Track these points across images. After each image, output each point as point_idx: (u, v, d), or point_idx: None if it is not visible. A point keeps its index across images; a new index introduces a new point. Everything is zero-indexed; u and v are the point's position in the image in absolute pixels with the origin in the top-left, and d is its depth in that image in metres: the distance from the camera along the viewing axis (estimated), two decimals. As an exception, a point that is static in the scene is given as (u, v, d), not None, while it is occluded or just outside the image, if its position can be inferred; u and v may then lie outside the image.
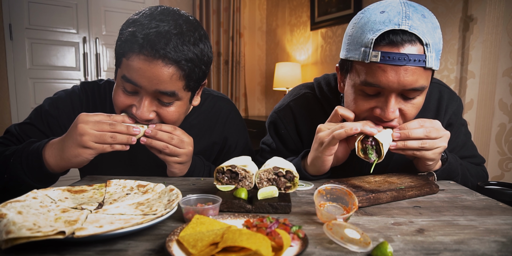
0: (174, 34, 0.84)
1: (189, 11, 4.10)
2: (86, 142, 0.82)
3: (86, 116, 0.84)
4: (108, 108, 1.09)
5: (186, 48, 0.85)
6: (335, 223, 0.58)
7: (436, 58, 0.81)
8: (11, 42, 3.22)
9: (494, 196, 0.85)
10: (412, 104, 0.85)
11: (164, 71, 0.84)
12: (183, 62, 0.85)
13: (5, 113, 3.29)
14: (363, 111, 0.88)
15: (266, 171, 0.77)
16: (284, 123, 1.13)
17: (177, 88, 0.88)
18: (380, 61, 0.78)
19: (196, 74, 0.90)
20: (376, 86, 0.81)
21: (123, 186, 0.78)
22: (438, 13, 2.36)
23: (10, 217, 0.53)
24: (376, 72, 0.80)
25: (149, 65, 0.83)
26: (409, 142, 0.82)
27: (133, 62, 0.84)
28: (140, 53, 0.83)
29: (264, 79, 4.74)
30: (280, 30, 4.34)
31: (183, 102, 0.94)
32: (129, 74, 0.86)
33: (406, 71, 0.78)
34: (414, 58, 0.77)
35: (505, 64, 2.02)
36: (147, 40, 0.82)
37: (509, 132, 2.02)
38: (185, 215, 0.64)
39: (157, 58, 0.83)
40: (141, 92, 0.88)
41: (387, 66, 0.78)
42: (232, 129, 1.19)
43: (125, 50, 0.86)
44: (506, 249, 0.54)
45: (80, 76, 3.56)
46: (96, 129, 0.83)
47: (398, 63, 0.77)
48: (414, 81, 0.79)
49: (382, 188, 0.81)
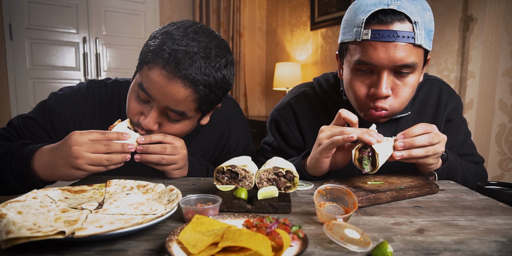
0: (201, 57, 0.83)
1: (189, 11, 4.10)
2: (81, 165, 0.79)
3: (80, 136, 0.79)
4: (115, 108, 1.09)
5: (208, 72, 0.84)
6: (335, 223, 0.58)
7: (427, 37, 0.84)
8: (11, 42, 3.22)
9: (494, 196, 0.85)
10: (405, 83, 0.87)
11: (180, 92, 0.84)
12: (201, 87, 0.85)
13: (5, 113, 3.29)
14: (361, 96, 0.90)
15: (266, 171, 0.77)
16: (285, 120, 1.13)
17: (188, 109, 0.88)
18: (370, 38, 0.82)
19: (211, 99, 0.90)
20: (368, 63, 0.84)
21: (123, 186, 0.78)
22: (438, 13, 2.36)
23: (10, 217, 0.53)
24: (367, 50, 0.83)
25: (168, 82, 0.83)
26: (414, 151, 0.80)
27: (153, 75, 0.84)
28: (162, 68, 0.83)
29: (264, 79, 4.74)
30: (280, 30, 4.34)
31: (191, 121, 0.95)
32: (146, 84, 0.86)
33: (396, 47, 0.81)
34: (403, 35, 0.81)
35: (505, 64, 2.01)
36: (173, 57, 0.81)
37: (509, 132, 2.02)
38: (185, 215, 0.64)
39: (178, 77, 0.82)
40: (153, 104, 0.88)
41: (378, 43, 0.82)
42: (234, 128, 1.19)
43: (149, 59, 0.85)
44: (506, 249, 0.54)
45: (80, 76, 3.56)
46: (91, 151, 0.79)
47: (388, 40, 0.81)
48: (404, 57, 0.82)
49: (382, 188, 0.81)
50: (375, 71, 0.86)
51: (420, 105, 1.08)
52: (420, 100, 1.08)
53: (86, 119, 1.06)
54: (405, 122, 1.05)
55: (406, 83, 0.87)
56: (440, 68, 2.36)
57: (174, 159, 0.92)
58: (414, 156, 0.80)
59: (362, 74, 0.88)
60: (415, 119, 1.06)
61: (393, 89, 0.87)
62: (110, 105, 1.08)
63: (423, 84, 1.10)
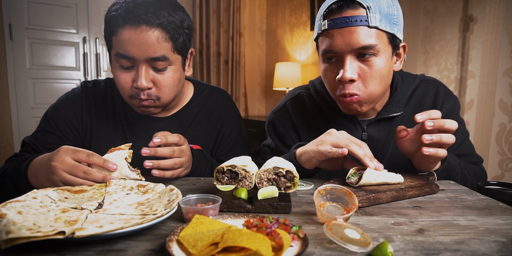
0: (151, 3, 0.91)
1: (189, 11, 4.10)
2: (55, 181, 0.78)
3: (64, 154, 0.78)
4: (109, 103, 1.14)
5: (165, 13, 0.92)
6: (335, 223, 0.58)
7: (384, 20, 0.87)
8: (11, 42, 3.22)
9: (494, 196, 0.85)
10: (370, 67, 0.89)
11: (150, 35, 0.90)
12: (165, 23, 0.92)
13: (5, 113, 3.29)
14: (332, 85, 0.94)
15: (266, 171, 0.77)
16: (281, 121, 1.17)
17: (166, 51, 0.94)
18: (328, 27, 0.88)
19: (180, 35, 0.96)
20: (331, 51, 0.89)
21: (123, 186, 0.78)
22: (438, 13, 2.36)
23: (10, 217, 0.53)
24: (328, 39, 0.89)
25: (136, 33, 0.89)
26: (445, 136, 0.78)
27: (121, 36, 0.91)
28: (125, 24, 0.90)
29: (264, 79, 4.74)
30: (280, 30, 4.34)
31: (176, 67, 0.99)
32: (121, 49, 0.92)
33: (350, 32, 0.86)
34: (355, 19, 0.85)
35: (505, 64, 2.02)
36: (128, 12, 0.89)
37: (509, 132, 2.02)
38: (185, 215, 0.64)
39: (141, 23, 0.89)
40: (136, 64, 0.93)
41: (334, 30, 0.87)
42: (226, 118, 1.23)
43: (112, 28, 0.92)
44: (506, 249, 0.54)
45: (80, 76, 3.56)
46: (68, 172, 0.77)
47: (341, 26, 0.86)
48: (360, 39, 0.85)
49: (382, 188, 0.81)
50: (339, 58, 0.90)
51: (416, 106, 1.08)
52: (416, 101, 1.09)
53: (85, 115, 1.12)
54: (399, 122, 1.06)
55: (372, 66, 0.89)
56: (440, 68, 2.36)
57: (182, 161, 0.90)
58: (445, 142, 0.78)
59: (330, 64, 0.93)
60: (411, 119, 1.06)
61: (360, 74, 0.90)
62: (105, 101, 1.14)
63: (419, 85, 1.10)
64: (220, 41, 4.17)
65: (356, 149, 0.80)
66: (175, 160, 0.88)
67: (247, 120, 3.98)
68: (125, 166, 0.83)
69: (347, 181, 0.84)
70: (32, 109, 3.38)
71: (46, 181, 0.79)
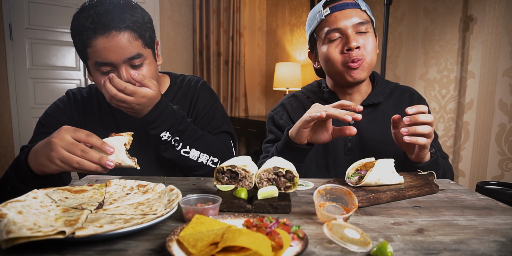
0: (111, 10, 0.96)
1: (189, 11, 4.10)
2: (53, 159, 0.79)
3: (65, 132, 0.80)
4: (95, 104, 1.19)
5: (128, 15, 0.97)
6: (335, 223, 0.58)
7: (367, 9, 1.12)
8: (11, 42, 3.22)
9: (494, 196, 0.85)
10: (367, 39, 1.09)
11: (121, 38, 0.95)
12: (131, 24, 0.97)
13: (5, 113, 3.29)
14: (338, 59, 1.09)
15: (266, 171, 0.78)
16: (279, 115, 1.27)
17: (138, 48, 0.99)
18: (330, 12, 1.09)
19: (146, 31, 1.02)
20: (336, 29, 1.08)
21: (123, 186, 0.78)
22: (438, 13, 2.36)
23: (11, 217, 0.53)
24: (331, 21, 1.09)
25: (108, 40, 0.94)
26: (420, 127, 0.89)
27: (96, 47, 0.95)
28: (96, 35, 0.94)
29: (264, 79, 4.74)
30: (280, 30, 4.34)
31: (150, 60, 1.05)
32: (99, 58, 0.96)
33: (349, 12, 1.08)
34: (351, 4, 1.09)
35: (505, 64, 2.02)
36: (95, 23, 0.94)
37: (509, 132, 2.02)
38: (185, 215, 0.64)
39: (110, 30, 0.94)
40: (116, 66, 0.98)
41: (336, 12, 1.08)
42: (200, 94, 1.27)
43: (84, 41, 0.96)
44: (506, 249, 0.54)
45: (80, 76, 3.56)
46: (66, 149, 0.78)
47: (342, 8, 1.09)
48: (358, 17, 1.08)
49: (382, 188, 0.81)
50: (343, 34, 1.08)
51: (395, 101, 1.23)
52: (396, 97, 1.23)
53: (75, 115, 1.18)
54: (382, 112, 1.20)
55: (368, 38, 1.09)
56: (440, 68, 2.36)
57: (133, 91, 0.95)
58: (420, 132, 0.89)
59: (334, 42, 1.10)
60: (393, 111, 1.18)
61: (361, 44, 1.08)
62: (89, 103, 1.20)
63: (396, 87, 1.26)
64: (220, 41, 4.17)
65: (332, 111, 0.89)
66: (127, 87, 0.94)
67: (247, 120, 3.98)
68: (122, 151, 0.84)
69: (347, 181, 0.84)
70: (32, 109, 3.38)
71: (45, 159, 0.80)
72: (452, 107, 2.32)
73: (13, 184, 0.88)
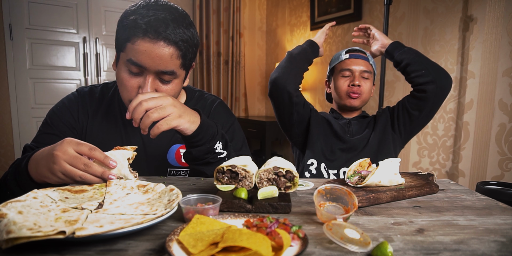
0: (170, 20, 0.95)
1: (189, 11, 4.10)
2: (55, 172, 0.78)
3: (67, 144, 0.79)
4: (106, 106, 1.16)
5: (181, 31, 0.96)
6: (335, 223, 0.58)
7: (373, 64, 1.54)
8: (11, 42, 3.22)
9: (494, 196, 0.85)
10: (366, 83, 1.49)
11: (166, 51, 0.94)
12: (180, 42, 0.96)
13: (5, 113, 3.29)
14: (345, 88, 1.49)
15: (266, 171, 0.78)
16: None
17: (175, 67, 0.98)
18: (349, 57, 1.50)
19: (190, 54, 1.01)
20: (348, 69, 1.49)
21: (123, 186, 0.78)
22: (438, 13, 2.36)
23: (11, 217, 0.53)
24: (347, 63, 1.50)
25: (153, 47, 0.93)
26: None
27: (138, 46, 0.93)
28: (144, 36, 0.93)
29: (264, 79, 4.74)
30: (280, 30, 4.34)
31: (179, 80, 1.04)
32: (135, 57, 0.94)
33: (361, 61, 1.49)
34: (363, 56, 1.51)
35: (505, 64, 2.02)
36: (149, 25, 0.92)
37: (509, 132, 2.02)
38: (185, 215, 0.64)
39: (159, 39, 0.93)
40: (145, 73, 0.97)
41: (352, 59, 1.50)
42: (216, 116, 1.23)
43: (129, 35, 0.94)
44: (506, 249, 0.54)
45: (80, 76, 3.56)
46: (69, 163, 0.77)
47: (357, 57, 1.50)
48: (365, 66, 1.49)
49: (382, 188, 0.81)
50: (352, 74, 1.49)
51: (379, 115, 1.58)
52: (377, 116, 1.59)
53: (81, 116, 1.15)
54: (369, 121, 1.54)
55: (367, 83, 1.49)
56: (440, 68, 2.36)
57: (162, 108, 0.85)
58: None
59: (345, 78, 1.51)
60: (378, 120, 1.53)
61: (362, 84, 1.47)
62: (99, 105, 1.17)
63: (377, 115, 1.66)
64: (220, 41, 4.17)
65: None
66: (151, 111, 0.84)
67: (247, 120, 3.98)
68: (125, 166, 0.83)
69: (347, 182, 0.84)
70: (32, 109, 3.38)
71: (46, 171, 0.79)
72: (452, 107, 2.32)
73: (13, 190, 0.88)
